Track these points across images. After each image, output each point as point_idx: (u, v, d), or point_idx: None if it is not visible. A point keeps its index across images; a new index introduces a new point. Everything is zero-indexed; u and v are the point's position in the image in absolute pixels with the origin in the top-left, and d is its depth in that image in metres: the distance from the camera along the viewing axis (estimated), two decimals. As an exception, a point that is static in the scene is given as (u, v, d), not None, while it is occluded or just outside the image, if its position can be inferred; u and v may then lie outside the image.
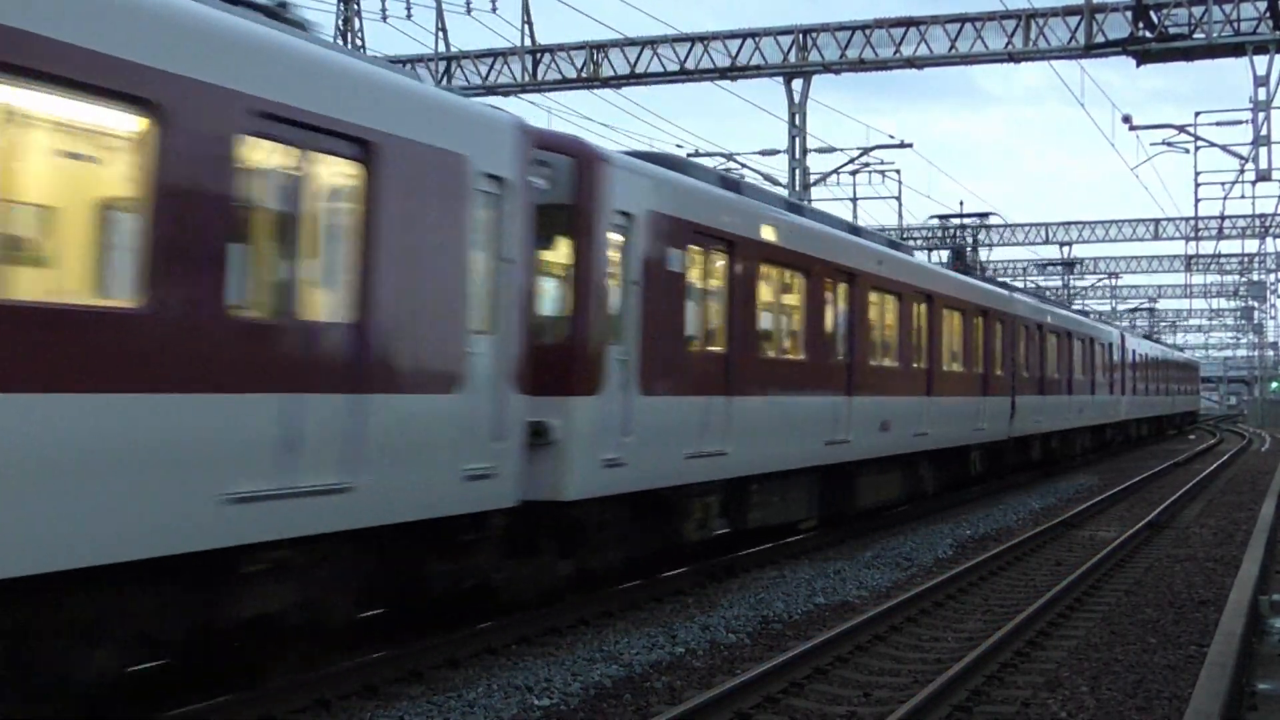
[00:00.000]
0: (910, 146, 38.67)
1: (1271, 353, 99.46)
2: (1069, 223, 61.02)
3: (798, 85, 29.40)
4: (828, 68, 28.56)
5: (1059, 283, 77.44)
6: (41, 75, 6.73)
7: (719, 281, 14.62)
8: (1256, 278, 78.27)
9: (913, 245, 56.92)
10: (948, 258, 55.34)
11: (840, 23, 28.55)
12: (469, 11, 28.77)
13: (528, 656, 11.14)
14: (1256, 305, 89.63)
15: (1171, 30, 24.92)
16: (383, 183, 9.29)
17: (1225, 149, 27.63)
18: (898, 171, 46.85)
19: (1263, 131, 24.99)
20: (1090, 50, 26.29)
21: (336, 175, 9.02)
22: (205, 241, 7.70)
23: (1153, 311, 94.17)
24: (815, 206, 22.47)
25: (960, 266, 33.07)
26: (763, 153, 35.56)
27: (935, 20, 27.89)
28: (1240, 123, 27.07)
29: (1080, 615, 13.60)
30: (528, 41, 28.62)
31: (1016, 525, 21.99)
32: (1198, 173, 30.22)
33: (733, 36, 28.84)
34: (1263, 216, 52.35)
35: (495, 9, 28.65)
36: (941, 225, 44.12)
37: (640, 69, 28.93)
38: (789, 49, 28.57)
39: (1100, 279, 76.68)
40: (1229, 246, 61.40)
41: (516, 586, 11.72)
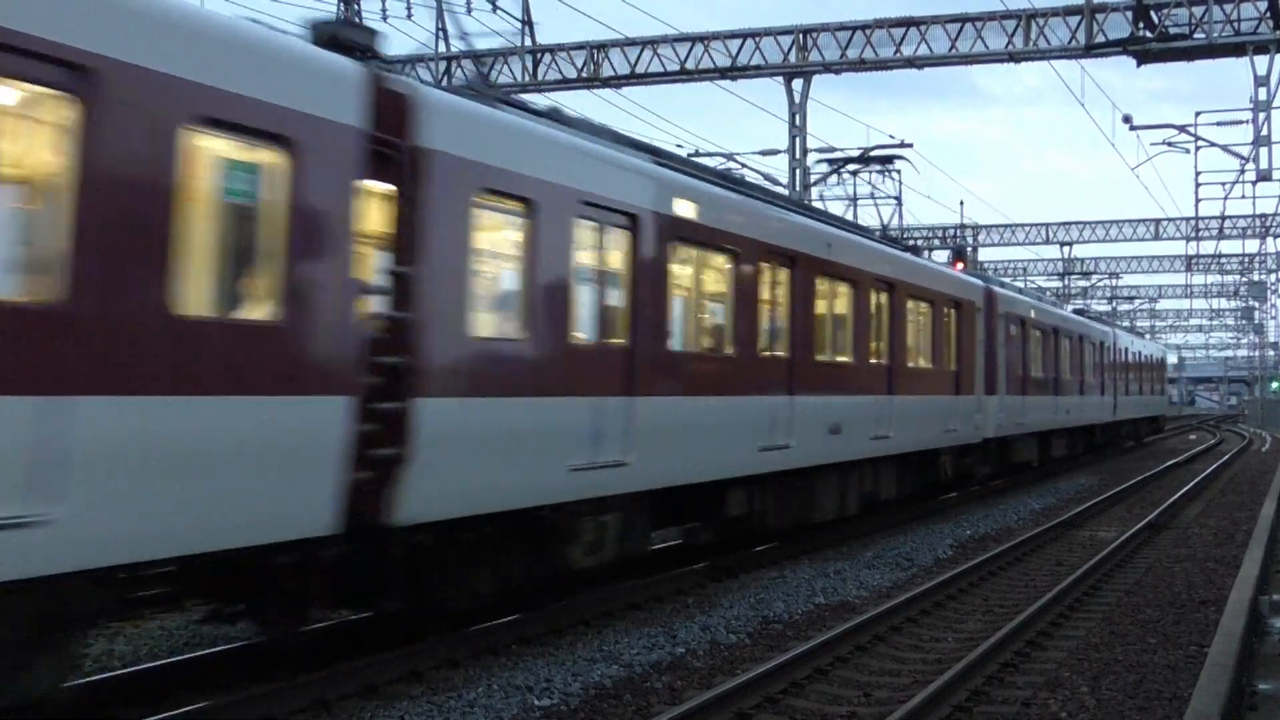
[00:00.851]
0: (910, 146, 38.64)
1: (1272, 353, 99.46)
2: (1069, 223, 61.03)
3: (798, 85, 29.39)
4: (828, 68, 28.56)
5: (1059, 283, 77.56)
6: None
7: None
8: (1257, 278, 78.29)
9: (911, 245, 57.07)
10: (948, 258, 55.15)
11: (840, 23, 28.55)
12: (469, 11, 28.77)
13: (528, 656, 11.15)
14: (1257, 305, 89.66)
15: (1172, 30, 24.92)
16: None
17: (1225, 149, 27.64)
18: (898, 171, 46.80)
19: (1263, 131, 25.00)
20: (1090, 50, 26.28)
21: None
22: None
23: (1153, 312, 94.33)
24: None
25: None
26: (763, 153, 35.56)
27: (935, 20, 27.89)
28: (1240, 123, 27.08)
29: (1080, 615, 13.60)
30: (528, 41, 28.62)
31: (1016, 525, 21.98)
32: (1198, 173, 30.22)
33: (733, 36, 28.84)
34: (1263, 216, 52.39)
35: (495, 9, 28.65)
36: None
37: (640, 69, 28.93)
38: (789, 49, 28.57)
39: (1100, 279, 76.74)
40: (1229, 246, 61.48)
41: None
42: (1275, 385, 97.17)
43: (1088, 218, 73.49)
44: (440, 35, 28.86)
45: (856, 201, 51.99)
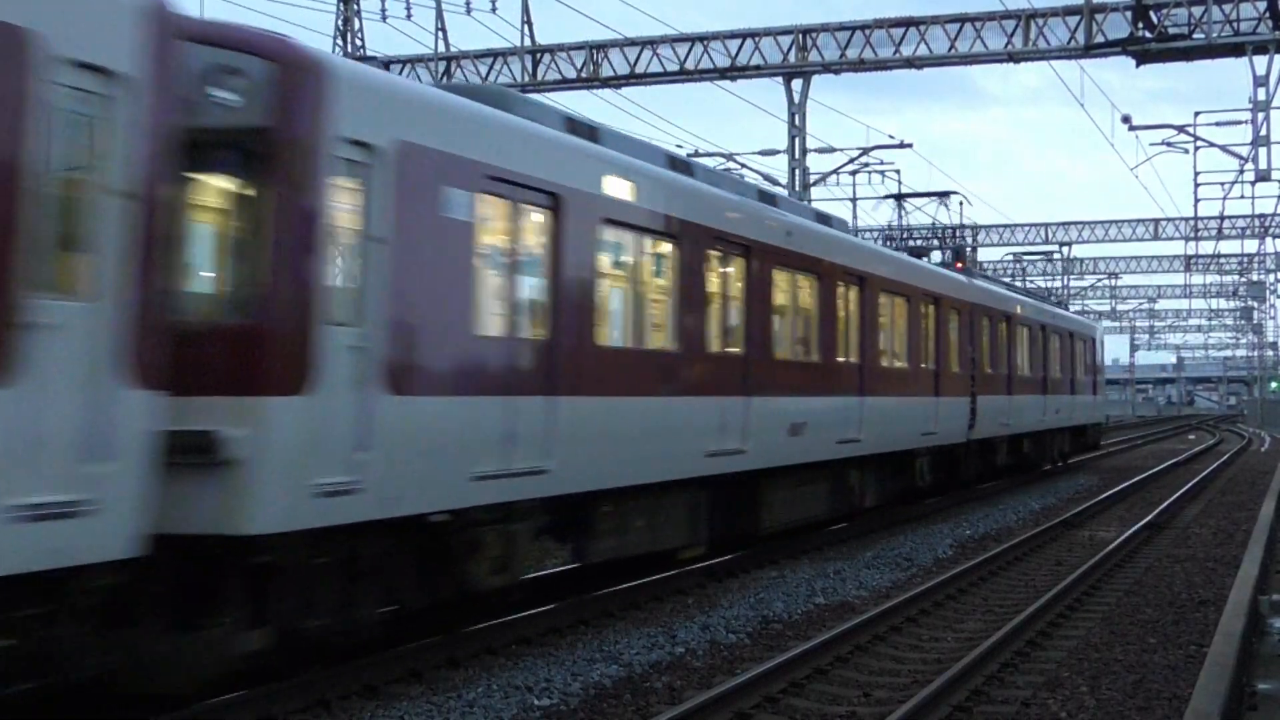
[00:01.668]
0: (910, 146, 38.71)
1: (1271, 353, 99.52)
2: (1069, 223, 61.14)
3: (797, 85, 29.40)
4: (827, 68, 28.57)
5: (1059, 283, 77.57)
6: None
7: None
8: (1256, 278, 78.35)
9: (912, 245, 57.06)
10: (949, 257, 55.16)
11: (840, 23, 28.57)
12: (469, 11, 28.77)
13: (528, 656, 11.15)
14: (1256, 305, 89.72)
15: (1171, 30, 24.94)
16: None
17: (1225, 149, 27.65)
18: (897, 171, 46.85)
19: (1262, 131, 25.03)
20: (1090, 50, 26.31)
21: None
22: None
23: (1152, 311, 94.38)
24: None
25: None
26: (763, 153, 35.60)
27: (935, 20, 27.90)
28: (1240, 123, 27.10)
29: (1080, 615, 13.60)
30: (528, 41, 28.62)
31: (1016, 525, 21.99)
32: (1197, 173, 30.24)
33: (733, 36, 28.85)
34: (1262, 216, 52.43)
35: (495, 9, 28.67)
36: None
37: (640, 69, 28.93)
38: (789, 49, 28.58)
39: (1100, 279, 76.81)
40: (1228, 246, 61.52)
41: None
42: (1274, 385, 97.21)
43: (1086, 218, 73.50)
44: (440, 35, 28.88)
45: (856, 201, 52.09)
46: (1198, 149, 29.23)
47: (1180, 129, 29.50)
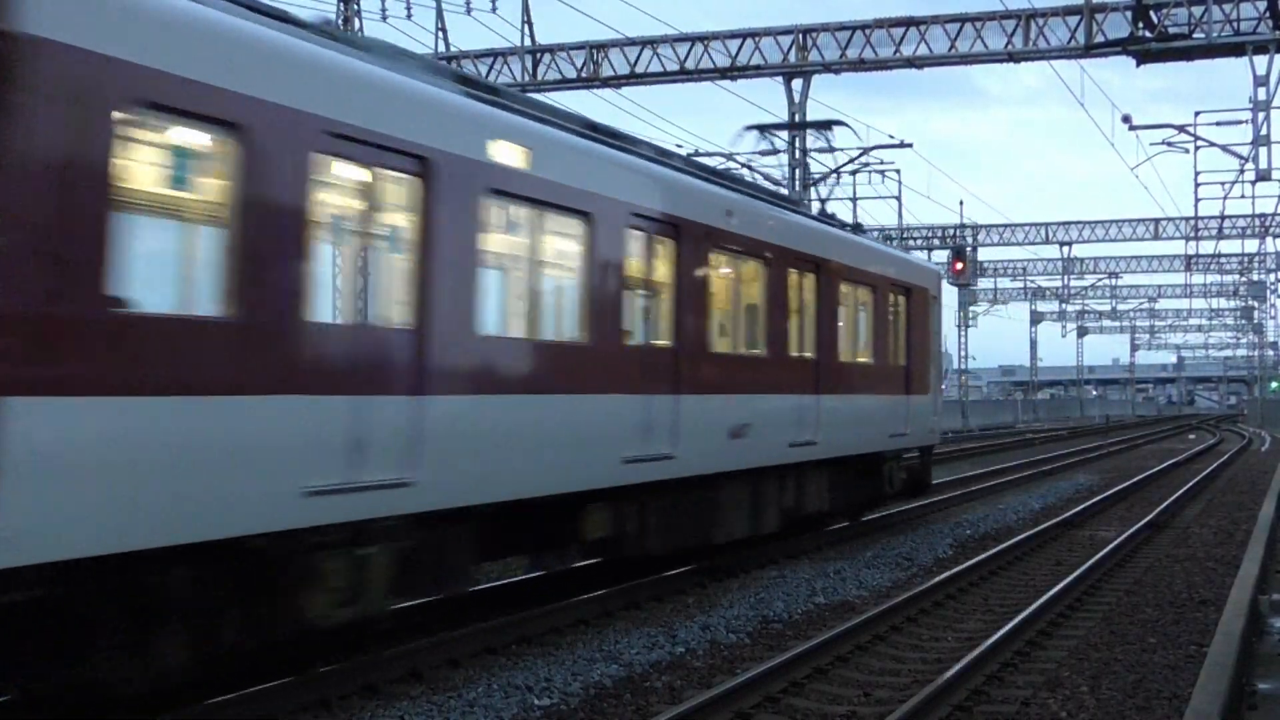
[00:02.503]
0: (910, 146, 38.71)
1: (1271, 352, 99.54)
2: (1069, 223, 61.11)
3: (798, 85, 29.39)
4: (828, 68, 28.57)
5: (1059, 282, 77.62)
6: None
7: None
8: (1256, 278, 78.39)
9: (912, 245, 57.11)
10: (948, 257, 55.01)
11: (840, 23, 28.55)
12: (469, 11, 28.77)
13: (528, 656, 11.15)
14: (1256, 305, 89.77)
15: (1171, 30, 24.93)
16: None
17: (1225, 149, 27.64)
18: (898, 171, 46.89)
19: (1262, 131, 25.02)
20: (1090, 50, 26.30)
21: None
22: None
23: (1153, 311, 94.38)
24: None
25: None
26: (763, 152, 35.55)
27: (935, 20, 27.89)
28: (1240, 122, 27.07)
29: (1080, 615, 13.60)
30: (528, 41, 28.63)
31: (1016, 525, 21.98)
32: (1198, 173, 30.27)
33: (733, 36, 28.84)
34: (1262, 216, 52.50)
35: (495, 9, 28.67)
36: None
37: (640, 69, 28.93)
38: (789, 49, 28.58)
39: (1100, 279, 76.83)
40: (1229, 246, 61.58)
41: None
42: (1275, 385, 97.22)
43: (1087, 218, 73.44)
44: (440, 35, 28.87)
45: (856, 201, 52.11)
46: (1198, 149, 29.26)
47: (1180, 129, 29.50)
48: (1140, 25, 25.05)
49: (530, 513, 11.38)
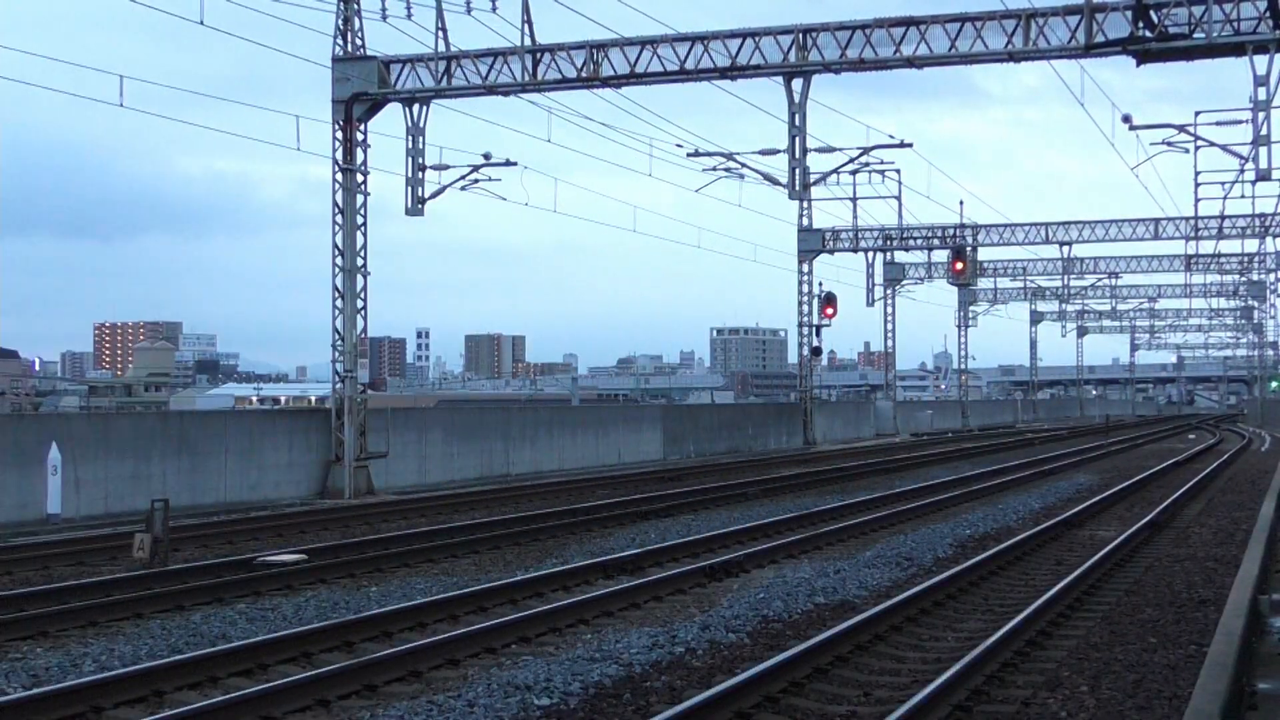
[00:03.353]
0: (910, 146, 38.72)
1: (1271, 352, 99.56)
2: (1069, 222, 61.02)
3: (798, 85, 29.36)
4: (828, 67, 28.53)
5: (1059, 282, 77.56)
6: None
7: None
8: (1256, 277, 78.38)
9: (912, 245, 57.10)
10: (948, 257, 54.95)
11: (840, 22, 28.52)
12: (469, 11, 28.76)
13: (527, 656, 11.15)
14: (1256, 305, 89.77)
15: (1171, 30, 24.89)
16: None
17: (1225, 149, 27.61)
18: (898, 171, 46.86)
19: (1263, 131, 24.98)
20: (1090, 50, 26.27)
21: None
22: None
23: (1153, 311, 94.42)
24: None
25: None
26: (763, 152, 35.57)
27: (935, 20, 27.87)
28: (1240, 122, 27.04)
29: (1080, 615, 13.60)
30: (528, 41, 28.60)
31: (1016, 525, 21.98)
32: (1198, 172, 30.22)
33: (733, 36, 28.80)
34: (1263, 216, 52.40)
35: (495, 8, 28.64)
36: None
37: (640, 69, 28.89)
38: (789, 48, 28.54)
39: (1100, 278, 76.81)
40: (1229, 246, 61.49)
41: None
42: (1275, 385, 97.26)
43: (1087, 217, 73.39)
44: (440, 35, 28.85)
45: (856, 201, 51.99)
46: (1198, 148, 29.21)
47: (1180, 128, 29.47)
48: (1140, 25, 25.03)
49: None
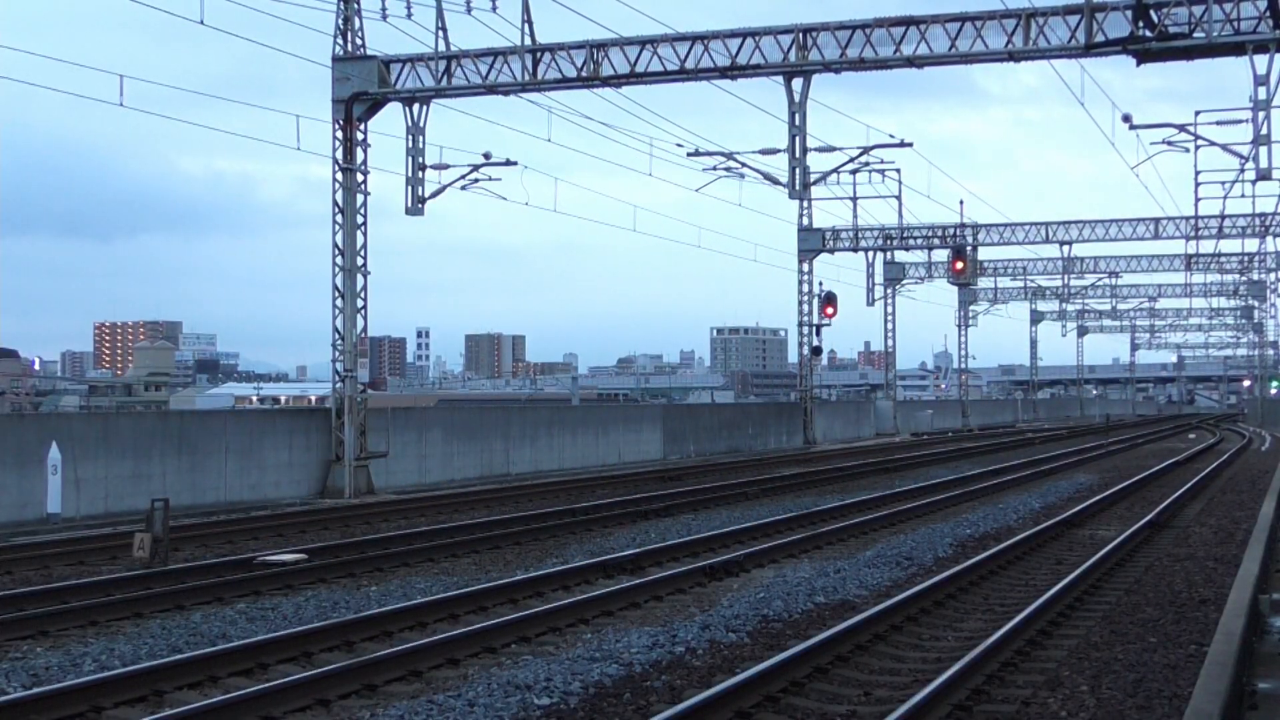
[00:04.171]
0: (910, 146, 38.69)
1: (1271, 352, 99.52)
2: (1069, 222, 61.00)
3: (798, 84, 29.35)
4: (828, 67, 28.52)
5: (1059, 282, 77.54)
6: None
7: None
8: (1256, 277, 78.34)
9: (912, 245, 57.07)
10: (948, 257, 54.96)
11: (840, 22, 28.51)
12: (469, 11, 28.74)
13: (527, 655, 11.15)
14: (1256, 305, 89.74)
15: (1171, 29, 24.88)
16: None
17: (1225, 148, 27.59)
18: (898, 171, 46.85)
19: (1263, 130, 24.97)
20: (1090, 49, 26.25)
21: None
22: None
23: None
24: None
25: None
26: (763, 152, 35.56)
27: (935, 19, 27.86)
28: (1240, 122, 27.02)
29: (1080, 614, 13.60)
30: (528, 41, 28.59)
31: (1016, 524, 21.98)
32: (1198, 172, 30.23)
33: (733, 36, 28.79)
34: (1263, 216, 52.37)
35: (495, 8, 28.63)
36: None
37: (640, 68, 28.87)
38: (789, 48, 28.53)
39: (1100, 278, 76.78)
40: (1229, 246, 61.44)
41: None
42: (1275, 385, 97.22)
43: (1087, 217, 73.38)
44: (440, 34, 28.85)
45: (857, 200, 52.00)
46: (1198, 148, 29.19)
47: (1181, 128, 29.45)
48: (1140, 24, 25.02)
49: None
